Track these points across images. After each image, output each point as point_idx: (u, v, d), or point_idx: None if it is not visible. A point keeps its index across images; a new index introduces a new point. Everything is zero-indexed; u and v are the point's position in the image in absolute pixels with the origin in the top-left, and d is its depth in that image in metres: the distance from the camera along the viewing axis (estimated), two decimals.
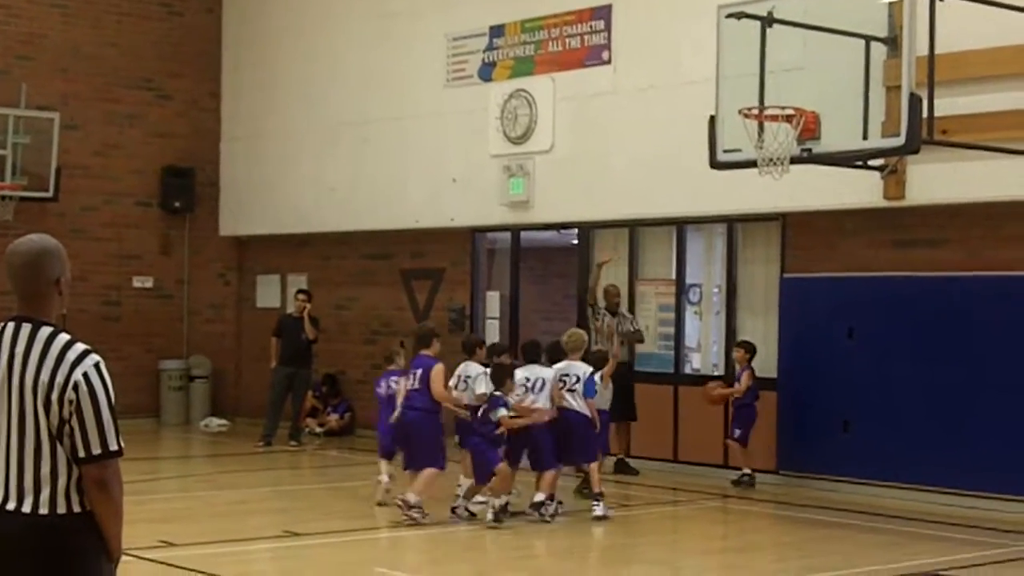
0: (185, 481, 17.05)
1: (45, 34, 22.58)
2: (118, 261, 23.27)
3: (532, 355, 14.00)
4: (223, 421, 23.09)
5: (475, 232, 20.39)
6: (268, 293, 23.58)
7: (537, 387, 13.48)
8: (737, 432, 16.06)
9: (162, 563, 11.08)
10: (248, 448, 19.30)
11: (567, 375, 13.69)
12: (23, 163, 21.73)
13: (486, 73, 19.67)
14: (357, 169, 21.50)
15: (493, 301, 20.31)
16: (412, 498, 12.83)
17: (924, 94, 12.22)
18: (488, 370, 13.50)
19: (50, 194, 21.95)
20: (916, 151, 12.63)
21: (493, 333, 19.98)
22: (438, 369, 13.14)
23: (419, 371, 13.16)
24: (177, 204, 23.65)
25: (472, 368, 13.75)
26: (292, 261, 23.31)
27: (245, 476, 16.28)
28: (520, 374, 13.54)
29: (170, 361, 23.30)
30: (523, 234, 19.94)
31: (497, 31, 19.52)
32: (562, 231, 19.85)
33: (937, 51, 12.34)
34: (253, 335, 23.02)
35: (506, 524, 12.96)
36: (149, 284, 23.57)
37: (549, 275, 21.64)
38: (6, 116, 21.49)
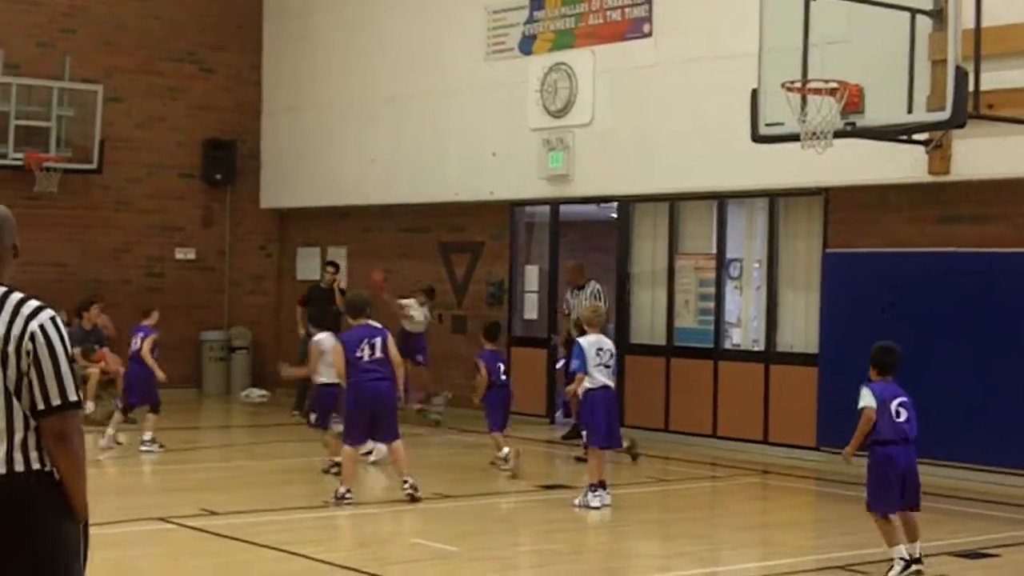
0: (226, 451, 17.15)
1: (89, 7, 22.69)
2: (161, 233, 23.42)
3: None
4: (263, 392, 23.20)
5: (514, 206, 20.38)
6: (308, 265, 23.67)
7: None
8: None
9: (203, 531, 11.17)
10: (288, 419, 19.37)
11: (601, 349, 12.95)
12: (67, 135, 21.89)
13: (526, 46, 19.62)
14: (397, 142, 21.51)
15: (532, 275, 20.31)
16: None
17: (970, 68, 12.13)
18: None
19: (94, 166, 22.11)
20: (962, 125, 12.54)
21: (531, 307, 20.00)
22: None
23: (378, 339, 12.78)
24: (219, 176, 23.77)
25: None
26: (332, 234, 23.38)
27: (284, 446, 16.37)
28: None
29: (211, 332, 23.45)
30: (562, 208, 19.92)
31: (538, 4, 19.46)
32: (601, 205, 19.82)
33: (983, 24, 12.25)
34: (293, 307, 23.03)
35: (542, 497, 12.97)
36: (191, 256, 23.71)
37: (588, 249, 21.59)
38: (50, 89, 21.64)
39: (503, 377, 15.15)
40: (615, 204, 19.22)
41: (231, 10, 24.03)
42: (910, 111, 12.67)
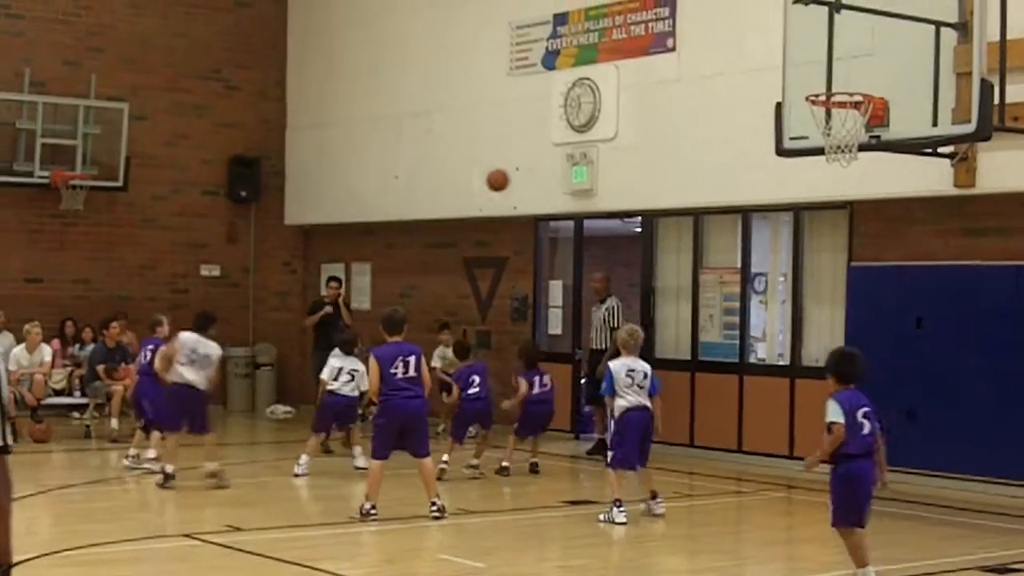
0: (251, 467, 17.15)
1: (115, 26, 22.81)
2: (186, 249, 23.51)
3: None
4: (288, 408, 23.23)
5: (538, 221, 20.39)
6: None
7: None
8: None
9: (228, 547, 11.17)
10: (304, 435, 19.35)
11: (633, 371, 12.89)
12: (93, 153, 22.00)
13: (550, 61, 19.64)
14: (421, 158, 21.54)
15: (556, 290, 20.31)
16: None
17: (995, 80, 12.09)
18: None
19: (120, 183, 22.22)
20: (987, 138, 12.51)
21: (556, 322, 19.99)
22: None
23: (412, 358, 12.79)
24: (244, 193, 23.85)
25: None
26: (356, 249, 23.42)
27: (310, 463, 16.34)
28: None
29: (236, 349, 23.46)
30: (586, 222, 19.91)
31: (561, 19, 19.48)
32: (625, 219, 19.81)
33: (1009, 37, 12.21)
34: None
35: (568, 513, 12.95)
36: (216, 272, 23.78)
37: (613, 264, 21.59)
38: (76, 107, 21.76)
39: (475, 390, 15.74)
40: (639, 218, 19.21)
41: (256, 28, 24.13)
42: (935, 124, 12.64)
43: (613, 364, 13.02)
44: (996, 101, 11.98)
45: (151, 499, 14.39)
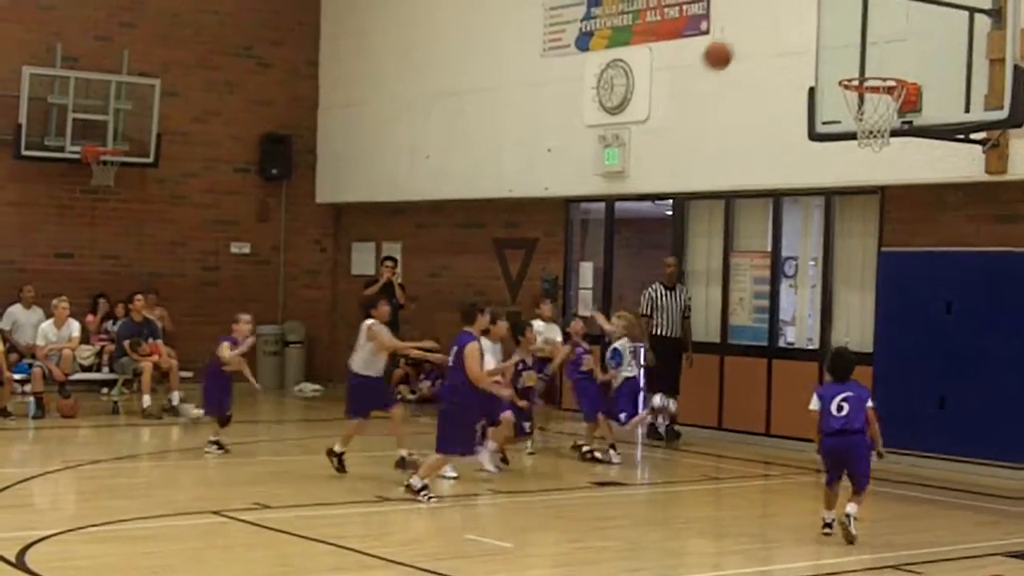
0: (279, 445, 17.22)
1: (147, 1, 22.86)
2: (216, 227, 23.56)
3: None
4: (317, 386, 23.32)
5: (569, 202, 20.38)
6: (363, 260, 23.75)
7: None
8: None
9: (256, 524, 11.23)
10: (341, 413, 19.43)
11: (635, 350, 15.88)
12: (125, 129, 22.06)
13: (583, 43, 19.60)
14: (452, 138, 21.55)
15: (586, 271, 20.31)
16: (416, 482, 12.62)
17: None
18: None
19: (151, 160, 22.27)
20: (1019, 125, 12.46)
21: (586, 304, 19.99)
22: (470, 348, 12.46)
23: (455, 348, 12.58)
24: (275, 171, 23.89)
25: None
26: (386, 229, 23.45)
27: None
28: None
29: (266, 326, 23.52)
30: (617, 204, 19.89)
31: (595, 0, 19.43)
32: (657, 202, 19.77)
33: None
34: (348, 302, 23.16)
35: (596, 494, 12.99)
36: (246, 250, 23.84)
37: (643, 246, 21.57)
38: (108, 82, 21.82)
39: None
40: (670, 201, 19.17)
41: (289, 5, 24.14)
42: (967, 110, 12.60)
43: (621, 344, 15.69)
44: None
45: (179, 476, 14.47)
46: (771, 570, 10.98)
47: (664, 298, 17.71)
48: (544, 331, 16.62)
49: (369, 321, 14.04)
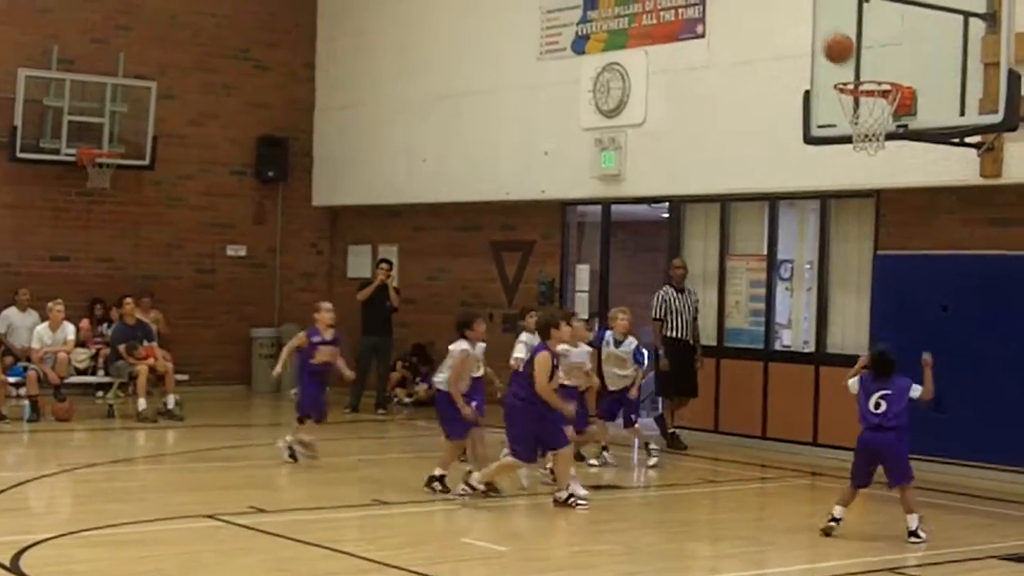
0: (274, 448, 17.20)
1: (143, 4, 22.85)
2: (212, 229, 23.54)
3: None
4: None
5: (565, 205, 20.39)
6: (359, 263, 23.73)
7: None
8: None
9: (251, 528, 11.22)
10: (337, 416, 19.43)
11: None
12: (120, 131, 22.03)
13: (579, 46, 19.62)
14: (449, 141, 21.55)
15: (583, 274, 20.31)
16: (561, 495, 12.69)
17: (1023, 71, 12.02)
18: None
19: (146, 162, 22.25)
20: (1014, 128, 12.48)
21: (583, 306, 19.98)
22: (541, 358, 12.34)
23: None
24: (271, 173, 23.88)
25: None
26: (383, 232, 23.45)
27: (334, 445, 16.39)
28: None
29: (261, 329, 23.55)
30: (614, 207, 19.89)
31: (591, 3, 19.46)
32: (653, 205, 19.78)
33: None
34: (344, 305, 23.11)
35: (592, 498, 12.98)
36: (242, 252, 23.82)
37: (639, 249, 21.57)
38: (104, 85, 21.79)
39: None
40: (666, 204, 19.18)
41: (285, 7, 24.13)
42: (962, 114, 12.61)
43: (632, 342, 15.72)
44: (1023, 91, 11.93)
45: (175, 480, 14.46)
46: (767, 573, 10.99)
47: (676, 300, 17.58)
48: (571, 355, 13.94)
49: (481, 346, 13.25)
